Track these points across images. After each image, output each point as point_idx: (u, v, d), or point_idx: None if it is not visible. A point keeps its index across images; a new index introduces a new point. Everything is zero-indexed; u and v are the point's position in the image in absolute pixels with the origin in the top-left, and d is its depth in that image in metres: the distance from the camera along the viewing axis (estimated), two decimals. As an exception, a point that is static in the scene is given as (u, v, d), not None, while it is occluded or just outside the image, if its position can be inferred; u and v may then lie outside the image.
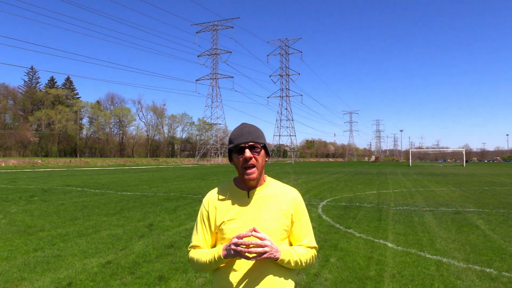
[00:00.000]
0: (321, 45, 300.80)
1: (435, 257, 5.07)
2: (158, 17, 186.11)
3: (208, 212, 1.58)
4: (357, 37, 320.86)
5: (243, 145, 1.49)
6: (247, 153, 1.48)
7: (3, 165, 42.48)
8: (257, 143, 1.51)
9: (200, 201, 10.94)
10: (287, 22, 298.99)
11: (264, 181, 1.61)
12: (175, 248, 5.48)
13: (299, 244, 1.59)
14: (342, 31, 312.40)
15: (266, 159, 1.58)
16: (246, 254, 1.37)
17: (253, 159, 1.49)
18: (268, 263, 1.47)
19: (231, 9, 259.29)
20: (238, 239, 1.38)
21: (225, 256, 1.42)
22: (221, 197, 1.58)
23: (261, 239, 1.39)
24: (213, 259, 1.47)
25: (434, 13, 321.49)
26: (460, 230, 6.89)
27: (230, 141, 1.54)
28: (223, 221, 1.53)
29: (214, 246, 1.62)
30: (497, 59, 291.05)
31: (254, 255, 1.37)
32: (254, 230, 1.41)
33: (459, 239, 6.16)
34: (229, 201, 1.56)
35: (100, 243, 5.79)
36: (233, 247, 1.38)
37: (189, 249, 1.62)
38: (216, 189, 1.64)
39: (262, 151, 1.54)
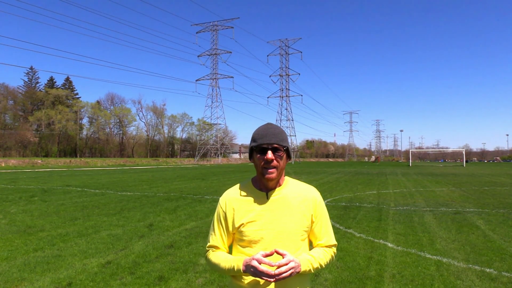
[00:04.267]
0: (321, 46, 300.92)
1: (435, 257, 5.07)
2: (158, 17, 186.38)
3: (225, 213, 1.55)
4: (357, 37, 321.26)
5: (266, 146, 1.47)
6: (269, 154, 1.46)
7: (3, 165, 42.48)
8: (280, 145, 1.49)
9: (200, 201, 10.96)
10: (287, 22, 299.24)
11: (283, 181, 1.59)
12: (175, 248, 5.48)
13: (318, 243, 1.61)
14: (342, 31, 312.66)
15: (288, 160, 1.56)
16: (266, 278, 1.34)
17: (275, 161, 1.47)
18: None
19: (231, 9, 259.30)
20: (259, 262, 1.36)
21: (245, 272, 1.42)
22: (239, 197, 1.56)
23: (286, 263, 1.37)
24: (232, 269, 1.46)
25: (434, 13, 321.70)
26: (460, 230, 6.89)
27: (254, 140, 1.52)
28: (242, 223, 1.51)
29: (230, 245, 1.61)
30: (497, 59, 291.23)
31: (274, 278, 1.35)
32: (276, 252, 1.40)
33: (459, 239, 6.16)
34: (248, 202, 1.54)
35: (100, 243, 5.79)
36: (252, 270, 1.37)
37: (207, 248, 1.61)
38: (233, 189, 1.61)
39: (284, 154, 1.52)
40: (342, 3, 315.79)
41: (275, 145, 1.47)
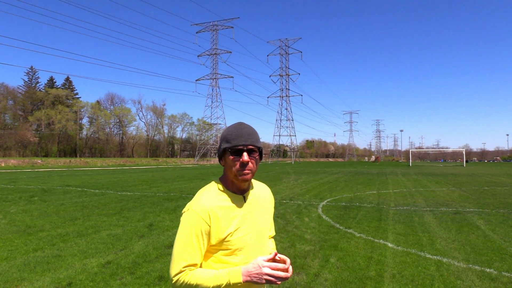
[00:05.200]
0: (321, 45, 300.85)
1: (435, 257, 5.07)
2: (158, 17, 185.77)
3: (209, 226, 1.37)
4: (357, 37, 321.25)
5: (241, 147, 1.39)
6: (245, 157, 1.38)
7: (3, 165, 42.47)
8: (255, 146, 1.42)
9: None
10: (287, 22, 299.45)
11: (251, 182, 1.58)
12: (175, 248, 5.47)
13: (268, 235, 1.71)
14: (342, 31, 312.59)
15: (259, 161, 1.55)
16: (279, 282, 1.34)
17: (250, 163, 1.40)
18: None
19: (231, 9, 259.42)
20: (271, 268, 1.33)
21: (248, 282, 1.34)
22: (220, 205, 1.41)
23: (289, 262, 1.40)
24: (224, 285, 1.33)
25: (433, 13, 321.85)
26: (460, 230, 6.89)
27: (227, 140, 1.41)
28: (230, 233, 1.40)
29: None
30: (497, 59, 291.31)
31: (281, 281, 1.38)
32: (276, 255, 1.42)
33: (459, 239, 6.16)
34: (230, 209, 1.43)
35: (100, 243, 5.79)
36: (266, 277, 1.32)
37: (183, 269, 1.34)
38: (209, 196, 1.43)
39: (258, 156, 1.47)
40: (342, 3, 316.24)
41: (250, 146, 1.40)
